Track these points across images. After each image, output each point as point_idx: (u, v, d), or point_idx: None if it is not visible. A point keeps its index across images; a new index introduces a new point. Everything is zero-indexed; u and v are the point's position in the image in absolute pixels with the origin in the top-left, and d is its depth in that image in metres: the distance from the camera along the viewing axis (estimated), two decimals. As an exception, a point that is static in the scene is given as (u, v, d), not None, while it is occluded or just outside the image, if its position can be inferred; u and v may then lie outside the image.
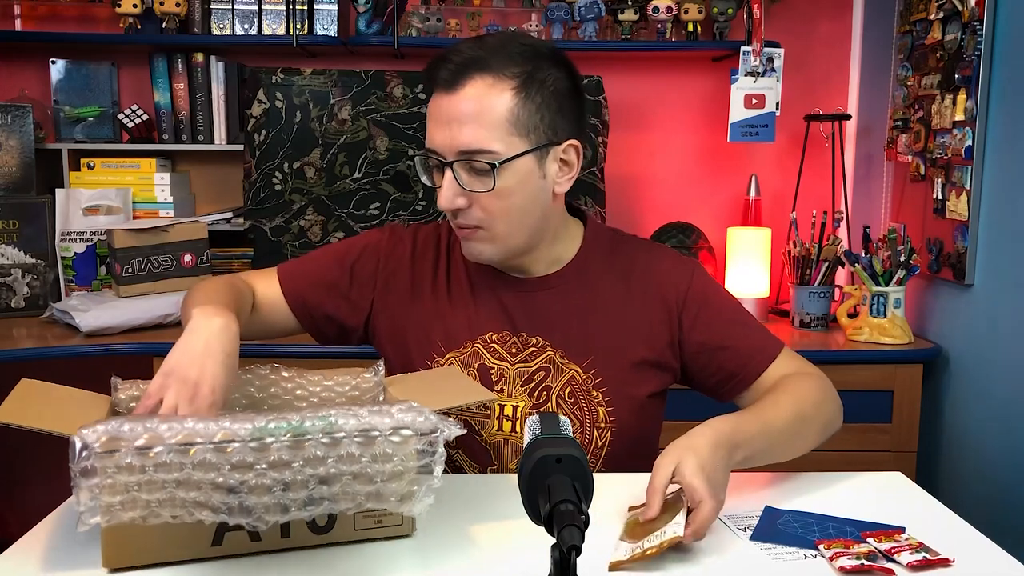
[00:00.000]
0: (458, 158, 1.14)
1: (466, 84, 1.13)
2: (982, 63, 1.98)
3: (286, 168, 2.33)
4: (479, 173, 1.14)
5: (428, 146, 1.18)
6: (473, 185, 1.15)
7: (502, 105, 1.13)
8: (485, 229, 1.18)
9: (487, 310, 1.27)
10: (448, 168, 1.15)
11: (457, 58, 1.14)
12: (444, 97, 1.15)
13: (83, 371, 1.53)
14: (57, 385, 1.08)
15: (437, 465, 0.89)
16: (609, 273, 1.28)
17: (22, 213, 2.41)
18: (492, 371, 1.25)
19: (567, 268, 1.28)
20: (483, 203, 1.16)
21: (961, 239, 2.06)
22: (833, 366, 2.11)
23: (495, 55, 1.14)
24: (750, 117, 2.45)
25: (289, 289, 1.31)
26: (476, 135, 1.12)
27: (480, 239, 1.19)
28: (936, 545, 0.98)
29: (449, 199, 1.15)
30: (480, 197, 1.15)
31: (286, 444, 0.85)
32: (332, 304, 1.31)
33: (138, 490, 0.82)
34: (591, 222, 1.33)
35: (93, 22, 2.63)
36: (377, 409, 0.91)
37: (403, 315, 1.30)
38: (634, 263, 1.29)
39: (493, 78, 1.13)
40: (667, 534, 0.93)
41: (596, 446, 1.25)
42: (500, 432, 1.25)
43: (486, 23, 2.55)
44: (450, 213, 1.18)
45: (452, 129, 1.13)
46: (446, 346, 1.27)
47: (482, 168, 1.14)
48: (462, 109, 1.13)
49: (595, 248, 1.30)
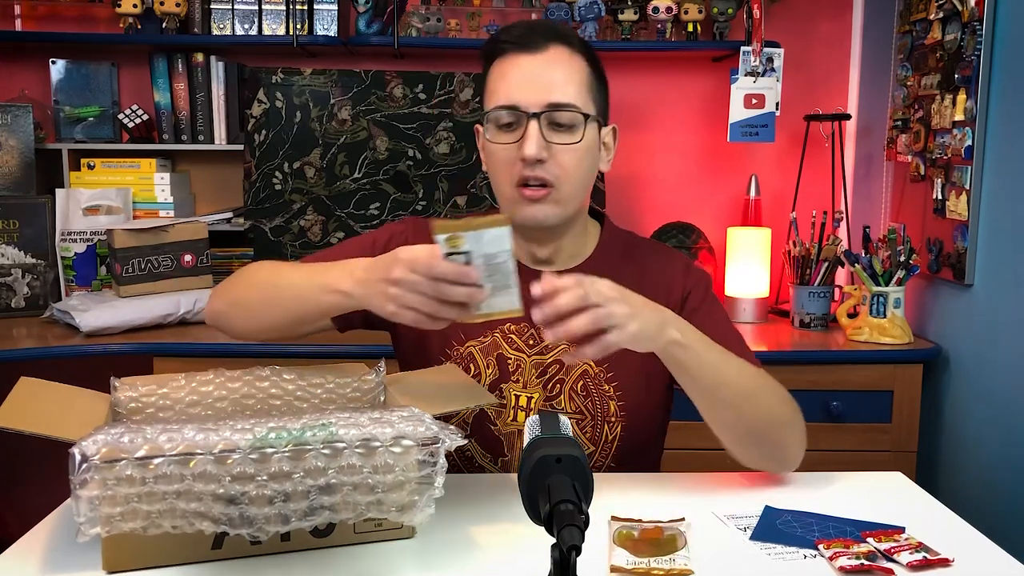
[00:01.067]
0: (545, 110, 1.18)
1: (550, 47, 1.20)
2: (982, 63, 1.98)
3: (286, 168, 2.33)
4: (561, 127, 1.19)
5: (507, 103, 1.20)
6: (556, 138, 1.19)
7: (583, 70, 1.22)
8: (556, 189, 1.20)
9: None
10: (533, 120, 1.18)
11: (536, 26, 1.23)
12: (527, 56, 1.20)
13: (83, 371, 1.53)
14: (57, 384, 1.08)
15: (438, 475, 0.89)
16: (624, 272, 1.29)
17: (22, 213, 2.41)
18: (510, 361, 1.27)
19: (584, 264, 1.30)
20: (561, 158, 1.19)
21: (961, 239, 2.06)
22: (833, 366, 2.13)
23: (568, 31, 1.25)
24: (750, 117, 2.46)
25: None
26: (565, 89, 1.19)
27: (549, 201, 1.21)
28: (936, 545, 0.98)
29: (539, 147, 1.18)
30: (560, 152, 1.19)
31: (287, 455, 0.85)
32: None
33: (138, 501, 0.82)
34: (608, 223, 1.37)
35: (93, 22, 2.63)
36: (378, 417, 0.90)
37: None
38: (647, 264, 1.31)
39: (570, 49, 1.22)
40: (677, 563, 0.93)
41: (606, 440, 1.26)
42: (515, 423, 1.27)
43: (486, 23, 2.55)
44: (530, 166, 1.19)
45: (541, 82, 1.19)
46: (466, 335, 1.28)
47: (567, 122, 1.19)
48: (552, 66, 1.20)
49: (612, 247, 1.33)
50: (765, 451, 1.18)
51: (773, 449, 1.18)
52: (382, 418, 0.90)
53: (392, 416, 0.91)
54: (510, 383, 1.27)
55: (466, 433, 1.26)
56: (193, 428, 0.86)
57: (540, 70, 1.19)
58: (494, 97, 1.22)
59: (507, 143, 1.20)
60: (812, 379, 2.10)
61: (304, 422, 0.88)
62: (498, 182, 1.24)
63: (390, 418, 0.90)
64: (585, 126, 1.20)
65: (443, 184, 2.36)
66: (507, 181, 1.22)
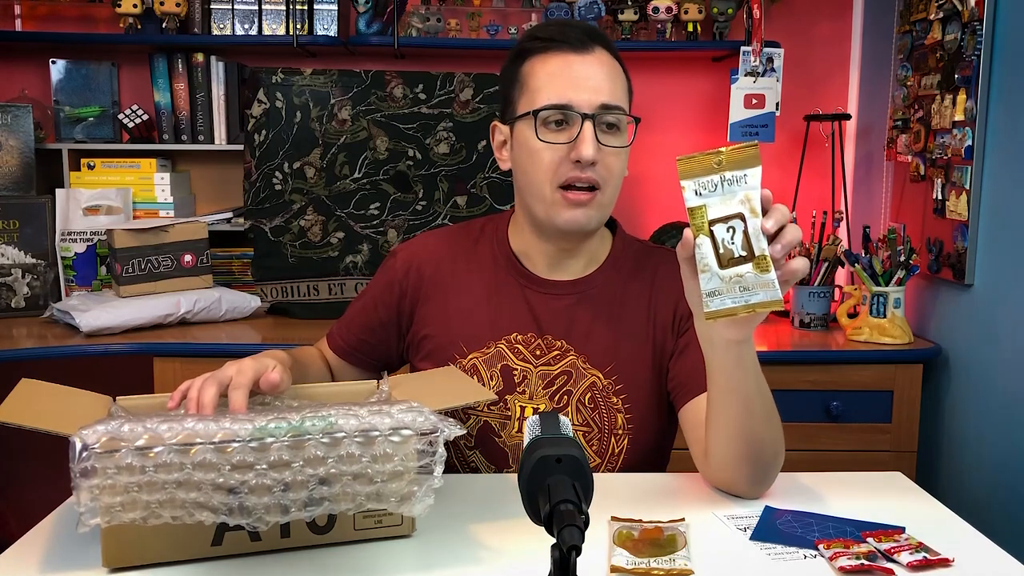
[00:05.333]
0: (598, 111, 1.17)
1: (595, 49, 1.20)
2: (982, 63, 1.98)
3: (286, 168, 2.33)
4: (612, 129, 1.19)
5: (560, 102, 1.17)
6: (605, 140, 1.18)
7: (623, 75, 1.23)
8: (601, 192, 1.20)
9: (513, 311, 1.27)
10: (588, 121, 1.16)
11: (579, 25, 1.23)
12: (576, 57, 1.19)
13: (83, 371, 1.53)
14: (57, 385, 1.08)
15: (437, 465, 0.89)
16: (635, 281, 1.28)
17: (22, 213, 2.41)
18: (515, 372, 1.25)
19: (595, 274, 1.28)
20: (607, 161, 1.19)
21: (961, 239, 2.06)
22: (833, 366, 2.13)
23: (605, 35, 1.26)
24: (750, 117, 2.46)
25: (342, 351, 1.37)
26: (614, 92, 1.19)
27: (593, 205, 1.20)
28: (936, 545, 0.98)
29: (595, 148, 1.17)
30: (607, 155, 1.18)
31: (286, 444, 0.85)
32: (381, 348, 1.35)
33: (138, 491, 0.82)
34: (620, 231, 1.34)
35: (93, 22, 2.63)
36: (377, 409, 0.91)
37: (429, 320, 1.30)
38: (658, 272, 1.29)
39: (610, 53, 1.22)
40: (677, 563, 0.93)
41: (613, 453, 1.24)
42: (519, 435, 1.25)
43: (486, 23, 2.55)
44: (580, 168, 1.17)
45: (592, 84, 1.17)
46: (468, 347, 1.27)
47: (614, 123, 1.19)
48: (601, 68, 1.19)
49: (623, 256, 1.30)
50: (752, 472, 1.10)
51: (762, 472, 1.10)
52: (381, 410, 0.90)
53: (391, 408, 0.91)
54: (515, 394, 1.25)
55: (471, 445, 1.26)
56: (193, 418, 0.86)
57: (591, 71, 1.18)
58: (541, 95, 1.18)
59: (557, 143, 1.18)
60: (812, 379, 2.10)
61: (304, 413, 0.88)
62: (536, 182, 1.20)
63: (389, 410, 0.90)
64: (634, 129, 1.21)
65: (443, 184, 2.36)
66: (548, 181, 1.18)
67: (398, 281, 1.32)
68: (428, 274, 1.31)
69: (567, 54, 1.18)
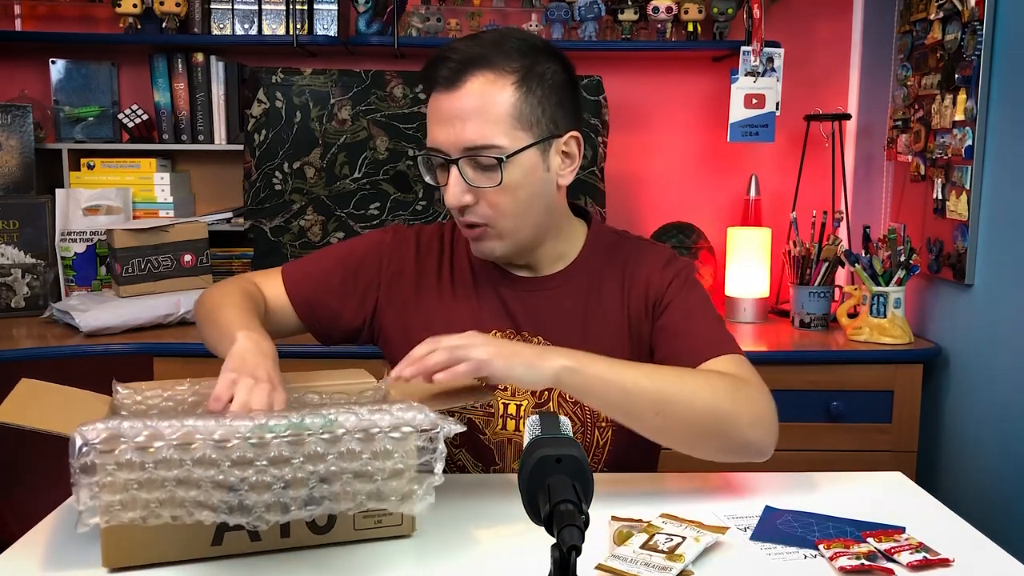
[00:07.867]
0: (463, 155, 1.14)
1: (467, 81, 1.13)
2: (982, 63, 1.98)
3: (286, 168, 2.33)
4: (485, 169, 1.15)
5: (430, 145, 1.18)
6: (479, 181, 1.15)
7: (505, 100, 1.14)
8: (492, 227, 1.18)
9: (490, 308, 1.27)
10: (453, 165, 1.15)
11: (456, 56, 1.14)
12: (445, 95, 1.15)
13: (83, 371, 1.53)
14: (57, 385, 1.08)
15: (438, 462, 0.89)
16: (609, 273, 1.28)
17: (22, 213, 2.41)
18: None
19: (570, 268, 1.28)
20: (490, 199, 1.16)
21: (961, 239, 2.06)
22: (833, 366, 2.13)
23: (494, 51, 1.15)
24: (750, 117, 2.45)
25: (295, 293, 1.31)
26: (481, 131, 1.13)
27: (489, 237, 1.20)
28: (936, 545, 0.98)
29: (457, 196, 1.15)
30: (487, 193, 1.16)
31: (286, 440, 0.85)
32: (337, 306, 1.31)
33: (138, 489, 0.82)
34: (595, 222, 1.33)
35: (93, 22, 2.63)
36: (377, 407, 0.91)
37: (406, 314, 1.30)
38: (628, 262, 1.28)
39: (494, 74, 1.14)
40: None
41: (597, 445, 1.25)
42: (504, 431, 1.25)
43: (486, 23, 2.55)
44: (457, 211, 1.18)
45: (456, 126, 1.13)
46: None
47: (488, 163, 1.14)
48: (466, 106, 1.13)
49: (597, 248, 1.30)
50: (718, 444, 1.11)
51: (725, 441, 1.10)
52: (380, 408, 0.91)
53: (391, 407, 0.91)
54: (497, 391, 1.25)
55: (457, 443, 1.26)
56: (194, 416, 0.86)
57: (457, 110, 1.13)
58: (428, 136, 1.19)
59: (443, 185, 1.18)
60: (812, 379, 2.10)
61: (303, 412, 0.88)
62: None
63: (389, 408, 0.91)
64: (502, 167, 1.13)
65: (443, 184, 2.36)
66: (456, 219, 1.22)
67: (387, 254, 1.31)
68: (409, 264, 1.31)
69: (438, 92, 1.16)
